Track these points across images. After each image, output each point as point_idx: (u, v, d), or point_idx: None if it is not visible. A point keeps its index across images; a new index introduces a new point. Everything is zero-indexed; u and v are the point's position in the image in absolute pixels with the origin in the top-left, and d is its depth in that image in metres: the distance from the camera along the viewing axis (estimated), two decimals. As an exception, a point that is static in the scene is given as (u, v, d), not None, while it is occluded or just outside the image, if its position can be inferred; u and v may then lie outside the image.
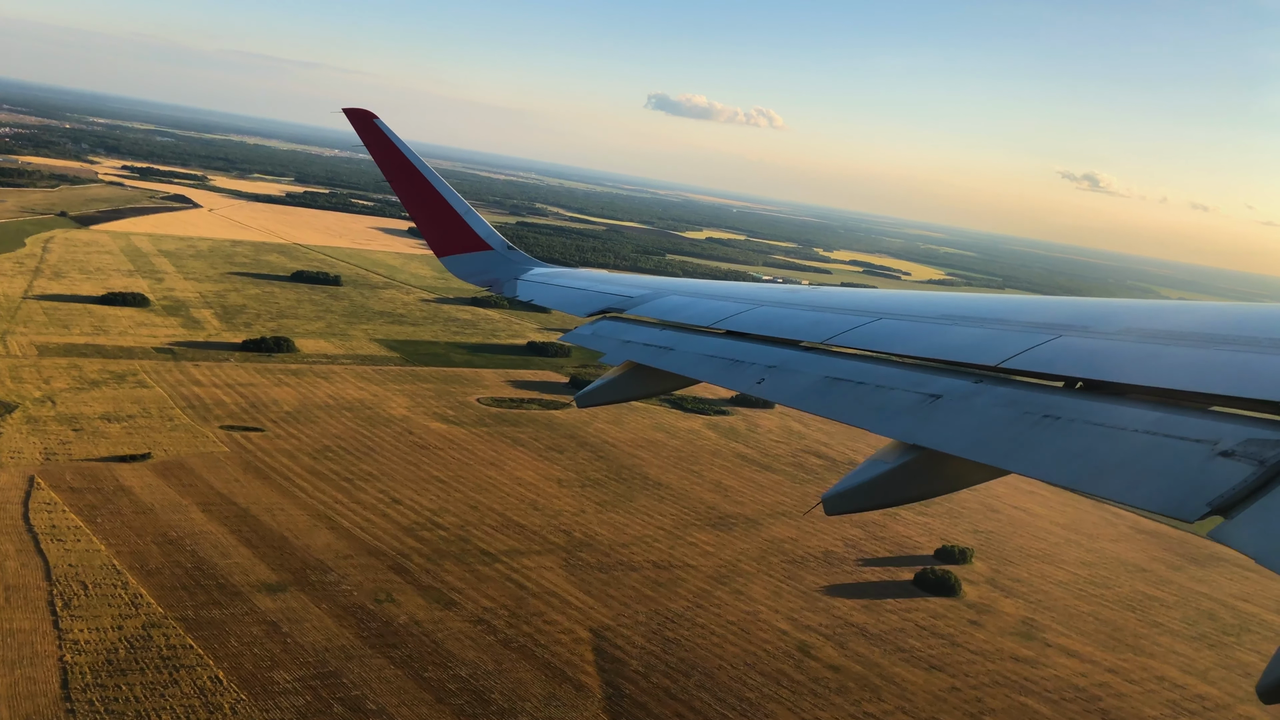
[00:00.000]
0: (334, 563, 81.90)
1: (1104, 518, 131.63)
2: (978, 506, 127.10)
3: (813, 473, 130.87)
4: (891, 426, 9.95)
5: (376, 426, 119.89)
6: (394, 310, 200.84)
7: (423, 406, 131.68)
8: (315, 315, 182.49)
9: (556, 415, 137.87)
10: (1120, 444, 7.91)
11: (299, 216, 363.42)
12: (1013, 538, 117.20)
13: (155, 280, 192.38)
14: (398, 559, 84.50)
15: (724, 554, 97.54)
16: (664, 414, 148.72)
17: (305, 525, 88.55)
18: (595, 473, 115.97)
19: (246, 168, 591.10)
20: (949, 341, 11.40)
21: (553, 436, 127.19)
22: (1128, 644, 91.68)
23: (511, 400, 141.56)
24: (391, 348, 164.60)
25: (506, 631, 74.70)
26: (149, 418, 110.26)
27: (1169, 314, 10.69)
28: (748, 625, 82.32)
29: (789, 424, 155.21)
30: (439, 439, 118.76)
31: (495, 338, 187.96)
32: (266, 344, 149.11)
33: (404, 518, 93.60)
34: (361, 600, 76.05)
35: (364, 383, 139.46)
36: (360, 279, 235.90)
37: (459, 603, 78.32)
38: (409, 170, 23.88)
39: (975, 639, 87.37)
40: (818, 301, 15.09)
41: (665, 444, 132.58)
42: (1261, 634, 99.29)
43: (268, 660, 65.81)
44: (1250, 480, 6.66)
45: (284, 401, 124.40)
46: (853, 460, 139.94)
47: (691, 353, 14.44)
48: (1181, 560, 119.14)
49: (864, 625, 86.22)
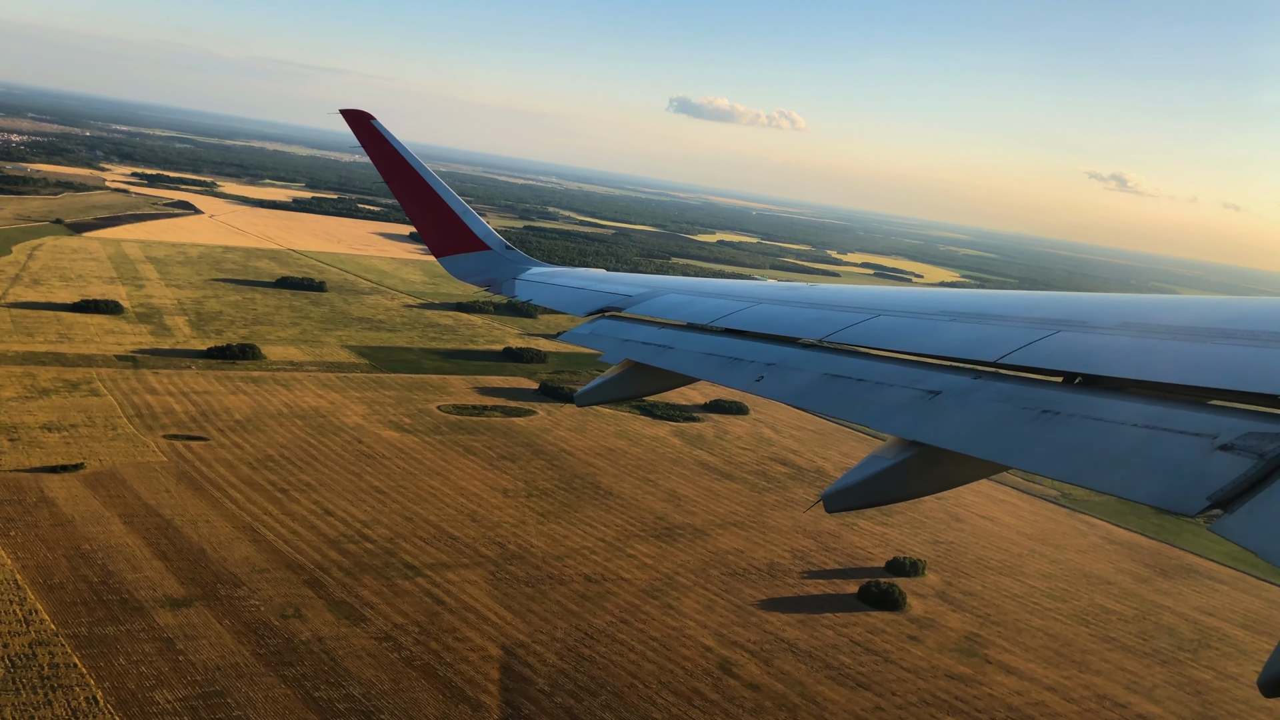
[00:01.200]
0: (248, 576, 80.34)
1: (1075, 528, 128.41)
2: (943, 516, 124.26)
3: (775, 481, 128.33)
4: (891, 423, 9.96)
5: (326, 435, 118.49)
6: (374, 316, 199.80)
7: (379, 414, 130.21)
8: (291, 322, 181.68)
9: (517, 423, 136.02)
10: (1119, 438, 7.87)
11: (300, 222, 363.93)
12: (973, 548, 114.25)
13: (135, 287, 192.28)
14: (316, 573, 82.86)
15: (662, 566, 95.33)
16: (631, 421, 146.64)
17: (227, 537, 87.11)
18: (545, 482, 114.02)
19: (259, 174, 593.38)
20: (947, 338, 11.42)
21: (509, 445, 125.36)
22: (1074, 660, 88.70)
23: (474, 408, 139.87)
24: (362, 354, 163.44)
25: (413, 649, 72.85)
26: (92, 427, 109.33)
27: (1167, 308, 10.73)
28: (671, 642, 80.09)
29: (760, 430, 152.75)
30: (388, 448, 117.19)
31: (473, 344, 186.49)
32: (232, 351, 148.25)
33: (332, 530, 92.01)
34: (267, 616, 74.41)
35: (325, 390, 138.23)
36: (347, 285, 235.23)
37: (369, 618, 76.56)
38: (406, 171, 23.90)
39: (911, 655, 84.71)
40: (816, 299, 15.18)
41: (626, 452, 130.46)
42: (1220, 650, 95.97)
43: (153, 679, 64.25)
44: (1250, 474, 6.67)
45: (236, 410, 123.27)
46: (820, 468, 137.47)
47: (690, 351, 14.45)
48: (1150, 573, 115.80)
49: (795, 641, 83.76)
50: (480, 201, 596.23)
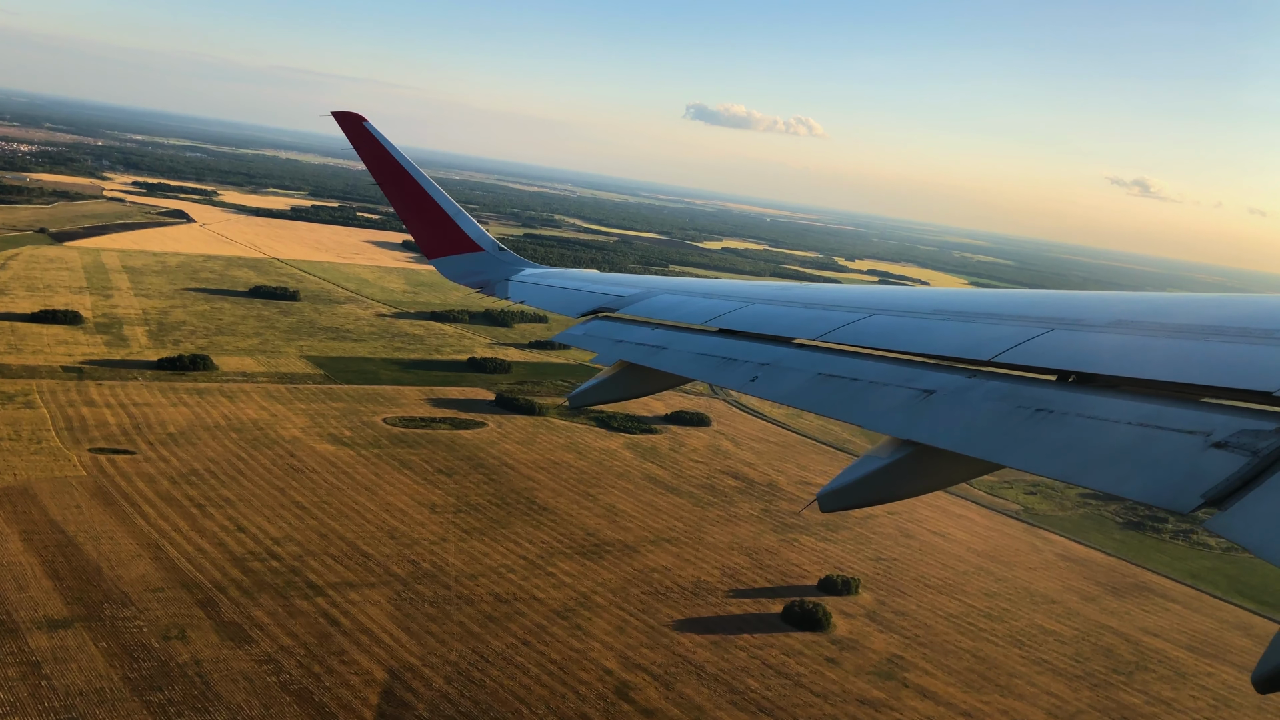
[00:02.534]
0: (139, 596, 78.51)
1: (1031, 544, 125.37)
2: (892, 531, 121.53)
3: (722, 495, 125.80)
4: (885, 423, 9.97)
5: (259, 449, 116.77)
6: (341, 326, 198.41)
7: (320, 427, 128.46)
8: (254, 332, 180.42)
9: (463, 435, 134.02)
10: (1113, 436, 7.92)
11: (293, 231, 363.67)
12: (917, 565, 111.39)
13: (103, 297, 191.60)
14: (212, 592, 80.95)
15: (581, 585, 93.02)
16: (584, 433, 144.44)
17: (128, 555, 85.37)
18: (479, 497, 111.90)
19: (263, 182, 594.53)
20: (941, 337, 11.46)
21: (449, 458, 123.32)
22: (998, 684, 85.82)
23: (422, 420, 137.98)
24: (319, 365, 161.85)
25: (293, 672, 70.77)
26: (16, 440, 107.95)
27: (1160, 306, 10.76)
28: (571, 665, 77.75)
29: (719, 443, 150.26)
30: (321, 462, 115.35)
31: (438, 354, 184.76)
32: (183, 362, 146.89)
33: (241, 547, 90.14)
34: (148, 638, 72.50)
35: (270, 402, 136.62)
36: (323, 294, 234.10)
37: (256, 640, 74.55)
38: (398, 173, 23.98)
39: (824, 679, 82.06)
40: (810, 299, 15.21)
41: (570, 465, 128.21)
42: (1157, 672, 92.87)
43: (8, 706, 62.39)
44: (1244, 471, 6.68)
45: (173, 422, 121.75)
46: (773, 482, 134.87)
47: (684, 352, 14.45)
48: (1100, 591, 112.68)
49: (704, 663, 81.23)
50: (486, 209, 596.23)
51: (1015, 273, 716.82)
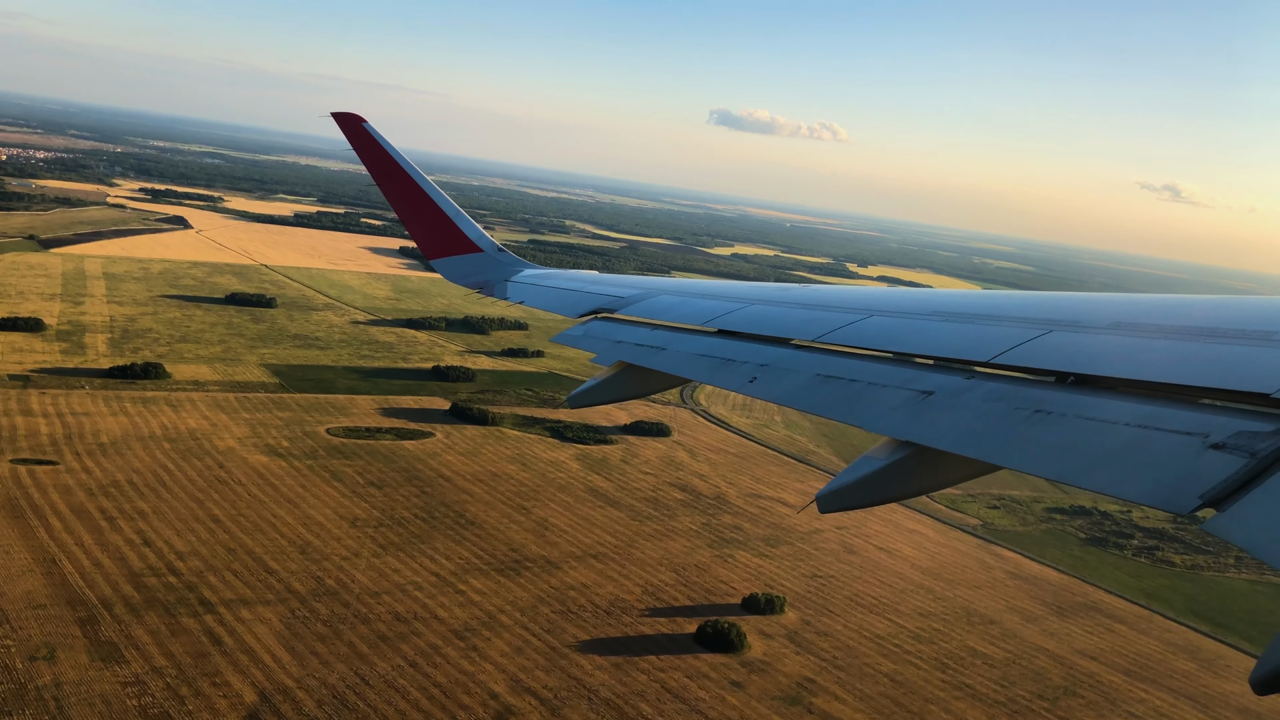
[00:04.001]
0: (18, 613, 76.90)
1: (982, 561, 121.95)
2: (836, 547, 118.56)
3: (663, 509, 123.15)
4: (884, 423, 10.00)
5: (190, 459, 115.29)
6: (311, 333, 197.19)
7: (259, 437, 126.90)
8: (219, 339, 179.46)
9: (406, 446, 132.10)
10: (1111, 437, 7.94)
11: (291, 237, 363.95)
12: (854, 583, 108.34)
13: (73, 304, 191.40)
14: (98, 609, 79.27)
15: (490, 603, 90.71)
16: (535, 444, 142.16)
17: (20, 570, 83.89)
18: (406, 510, 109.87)
19: (274, 188, 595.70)
20: (940, 338, 11.50)
21: (384, 470, 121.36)
22: (911, 710, 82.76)
23: (368, 430, 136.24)
24: (277, 373, 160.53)
25: (158, 695, 68.89)
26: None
27: (1159, 308, 10.79)
28: (455, 689, 75.43)
29: (675, 454, 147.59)
30: (249, 473, 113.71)
31: (404, 362, 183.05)
32: (134, 370, 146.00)
33: (141, 562, 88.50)
34: (14, 658, 70.82)
35: (214, 411, 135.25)
36: (302, 300, 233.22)
37: (130, 660, 72.73)
38: (398, 173, 24.09)
39: (726, 704, 79.31)
40: (809, 299, 15.23)
41: (511, 478, 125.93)
42: (1085, 698, 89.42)
43: None
44: (1242, 472, 6.71)
45: (107, 432, 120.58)
46: (721, 494, 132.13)
47: (683, 352, 14.48)
48: (1045, 611, 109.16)
49: (599, 687, 78.71)
50: (498, 215, 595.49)
51: (1033, 279, 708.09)
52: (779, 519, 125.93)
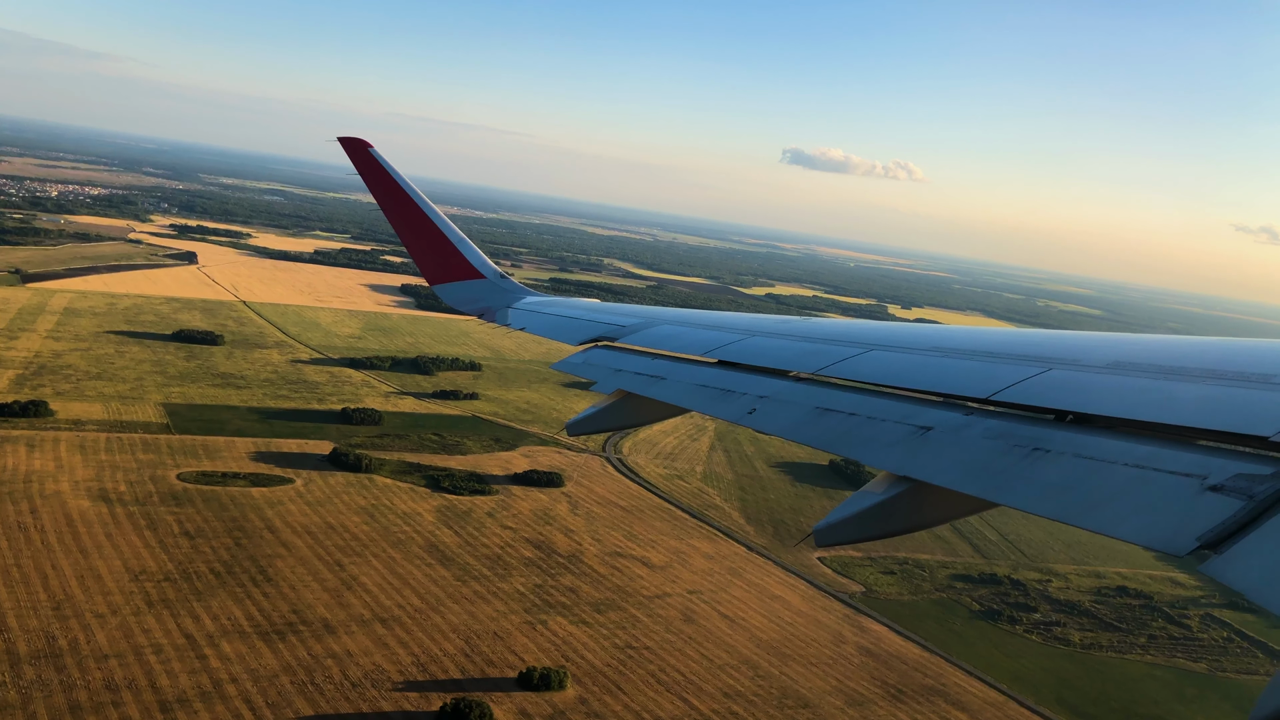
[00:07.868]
0: None
1: (838, 633, 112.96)
2: (675, 614, 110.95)
3: (502, 568, 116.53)
4: (882, 458, 9.95)
5: (3, 503, 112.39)
6: (239, 372, 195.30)
7: (99, 481, 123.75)
8: (135, 378, 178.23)
9: (253, 493, 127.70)
10: (1110, 477, 7.90)
11: (294, 274, 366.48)
12: (669, 656, 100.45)
13: (7, 339, 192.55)
14: None
15: (226, 671, 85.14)
16: (400, 493, 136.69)
17: None
18: (204, 565, 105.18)
19: (312, 225, 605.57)
20: (940, 374, 11.49)
21: (209, 519, 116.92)
22: (639, 812, 74.74)
23: (223, 475, 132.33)
24: (172, 413, 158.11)
25: None
26: None
27: (1158, 349, 10.80)
28: (114, 770, 69.89)
29: (555, 507, 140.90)
30: (59, 521, 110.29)
31: (318, 403, 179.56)
32: (13, 409, 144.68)
33: None
34: None
35: (71, 452, 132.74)
36: (256, 338, 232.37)
37: None
38: (403, 199, 24.20)
39: (421, 798, 72.38)
40: (810, 332, 15.28)
41: (346, 531, 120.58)
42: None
43: None
44: (1240, 515, 6.63)
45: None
46: (577, 554, 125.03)
47: (683, 382, 14.44)
48: (878, 695, 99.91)
49: (284, 774, 72.47)
50: (537, 253, 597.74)
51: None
52: (627, 581, 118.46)
